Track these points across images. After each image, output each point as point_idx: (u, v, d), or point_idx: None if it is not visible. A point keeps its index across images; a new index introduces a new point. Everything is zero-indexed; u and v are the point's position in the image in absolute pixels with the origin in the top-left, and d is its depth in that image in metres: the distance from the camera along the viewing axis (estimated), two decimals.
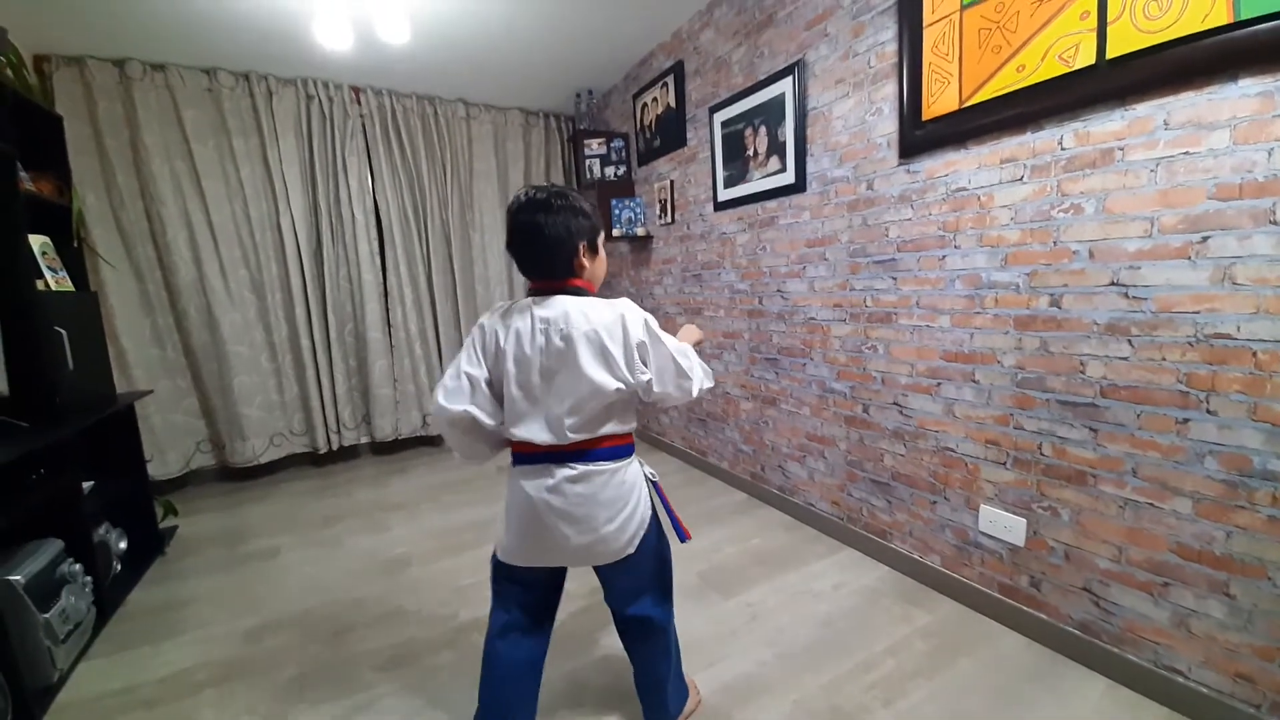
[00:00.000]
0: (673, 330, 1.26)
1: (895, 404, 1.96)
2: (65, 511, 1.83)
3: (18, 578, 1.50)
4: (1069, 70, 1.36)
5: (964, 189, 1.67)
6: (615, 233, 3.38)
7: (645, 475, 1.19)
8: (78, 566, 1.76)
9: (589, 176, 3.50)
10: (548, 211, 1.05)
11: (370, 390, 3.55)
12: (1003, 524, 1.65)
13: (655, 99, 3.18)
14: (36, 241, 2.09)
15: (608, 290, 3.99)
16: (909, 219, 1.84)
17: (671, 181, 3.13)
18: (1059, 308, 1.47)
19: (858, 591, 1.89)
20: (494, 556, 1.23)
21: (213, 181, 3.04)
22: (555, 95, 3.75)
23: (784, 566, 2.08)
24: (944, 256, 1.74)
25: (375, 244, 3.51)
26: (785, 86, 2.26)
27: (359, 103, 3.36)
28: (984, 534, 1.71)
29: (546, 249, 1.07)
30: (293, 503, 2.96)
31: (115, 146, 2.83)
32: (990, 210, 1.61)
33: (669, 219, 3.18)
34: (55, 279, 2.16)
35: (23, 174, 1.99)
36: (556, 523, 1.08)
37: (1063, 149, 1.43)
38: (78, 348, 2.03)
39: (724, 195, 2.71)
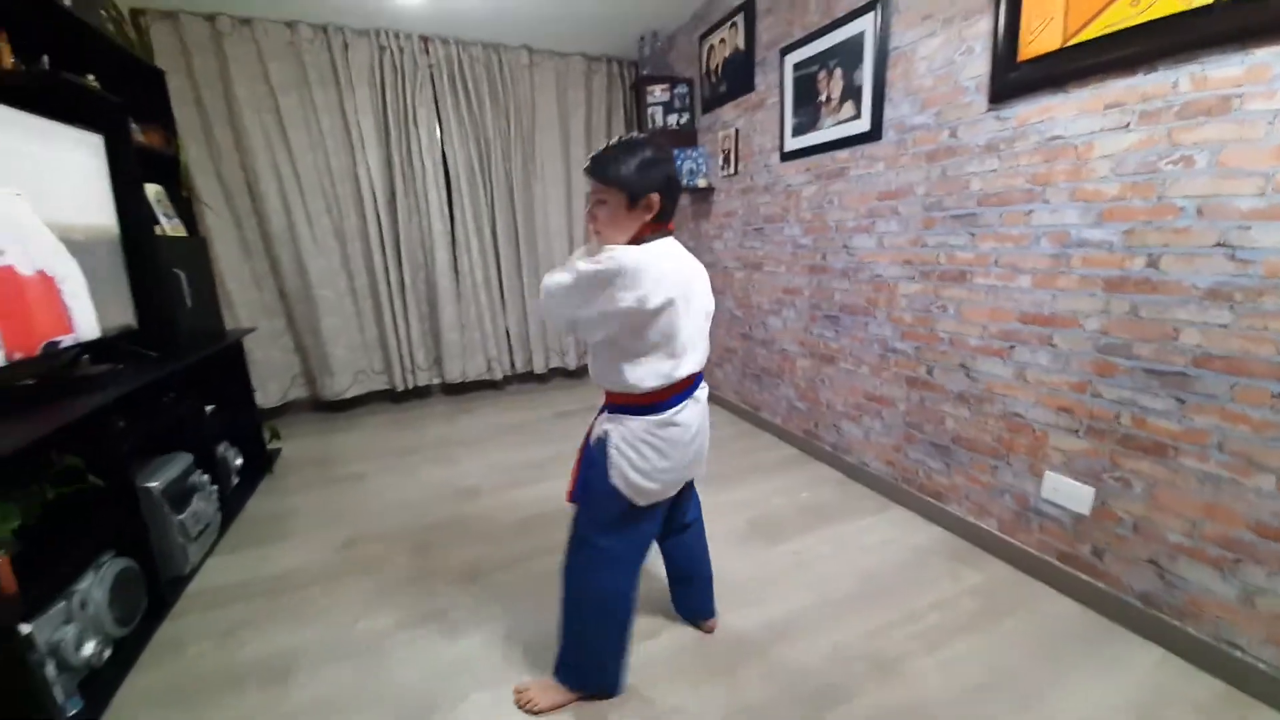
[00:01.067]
0: None
1: (962, 366, 1.90)
2: (193, 430, 2.11)
3: (155, 484, 1.76)
4: (1187, 8, 1.23)
5: (1059, 137, 1.54)
6: None
7: None
8: (205, 477, 2.04)
9: (650, 125, 3.43)
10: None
11: (440, 334, 3.77)
12: (1068, 492, 1.61)
13: (723, 40, 3.04)
14: (152, 190, 2.31)
15: None
16: (994, 170, 1.73)
17: (736, 130, 3.03)
18: (1156, 269, 1.37)
19: (907, 548, 1.92)
20: (621, 511, 1.20)
21: (297, 133, 3.21)
22: (619, 38, 3.64)
23: (832, 520, 2.12)
24: (1030, 211, 1.64)
25: (444, 194, 3.63)
26: (866, 24, 2.11)
27: (428, 53, 3.41)
28: (1046, 501, 1.68)
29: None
30: (374, 434, 3.26)
31: (211, 99, 3.03)
32: (1088, 161, 1.48)
33: (732, 170, 3.10)
34: (171, 225, 2.40)
35: (133, 126, 2.17)
36: (706, 434, 1.27)
37: (1177, 93, 1.30)
38: (193, 288, 2.28)
39: (791, 145, 2.61)
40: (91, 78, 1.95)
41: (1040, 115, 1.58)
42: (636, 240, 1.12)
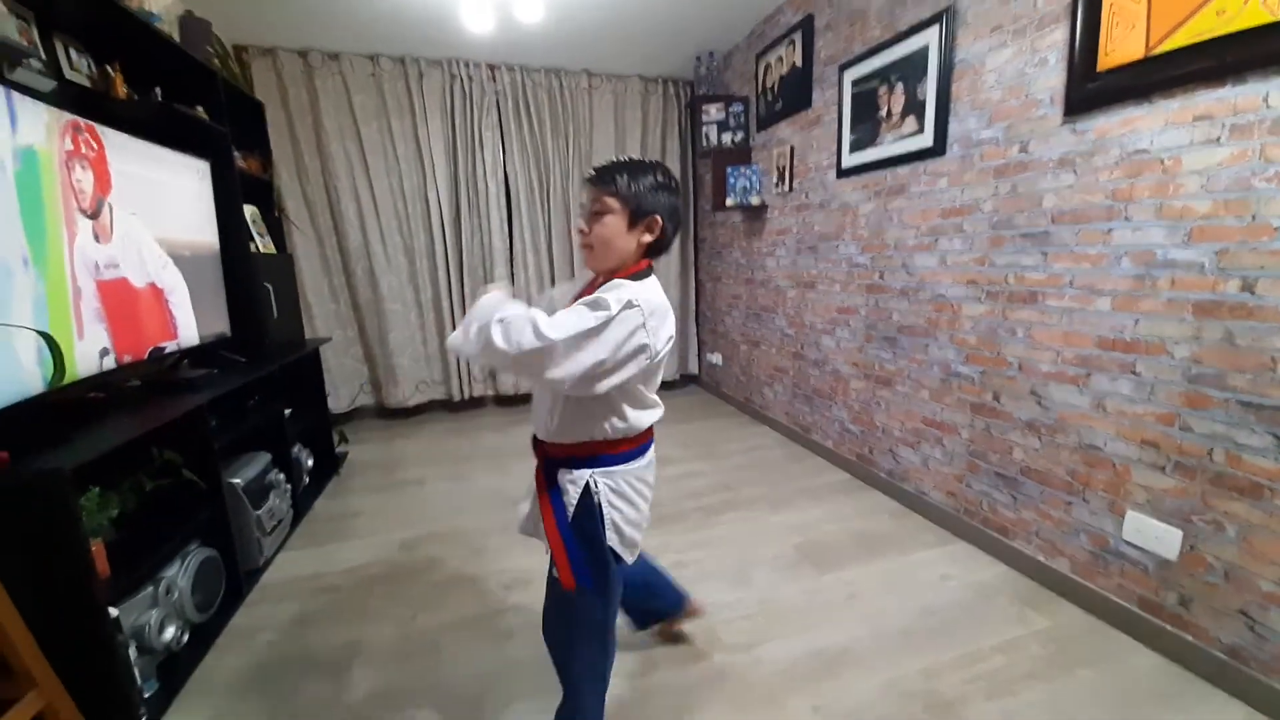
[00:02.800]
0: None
1: (1033, 393, 1.79)
2: (272, 431, 2.28)
3: (238, 480, 1.91)
4: (1274, 20, 1.15)
5: (1144, 151, 1.45)
6: (729, 202, 3.34)
7: None
8: (281, 475, 2.20)
9: (705, 144, 3.46)
10: None
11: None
12: (1153, 534, 1.48)
13: (780, 58, 3.04)
14: (248, 211, 2.54)
15: (719, 261, 3.98)
16: (1069, 186, 1.64)
17: (791, 147, 3.01)
18: (1252, 293, 1.25)
19: (968, 586, 1.81)
20: (611, 571, 1.08)
21: (375, 158, 3.46)
22: (676, 59, 3.71)
23: (887, 550, 2.03)
24: (1110, 229, 1.54)
25: (504, 213, 3.79)
26: (930, 37, 2.06)
27: (494, 80, 3.60)
28: (1127, 543, 1.54)
29: None
30: (433, 441, 3.40)
31: (302, 130, 3.31)
32: (1176, 176, 1.38)
33: (786, 187, 3.08)
34: (263, 243, 2.63)
35: (235, 153, 2.40)
36: None
37: (1268, 106, 1.20)
38: (279, 300, 2.48)
39: (849, 161, 2.57)
40: (200, 109, 2.17)
41: (1122, 128, 1.49)
42: (632, 272, 1.02)
